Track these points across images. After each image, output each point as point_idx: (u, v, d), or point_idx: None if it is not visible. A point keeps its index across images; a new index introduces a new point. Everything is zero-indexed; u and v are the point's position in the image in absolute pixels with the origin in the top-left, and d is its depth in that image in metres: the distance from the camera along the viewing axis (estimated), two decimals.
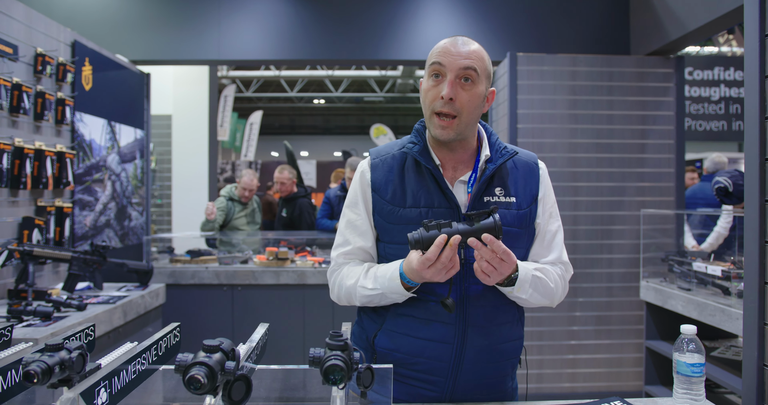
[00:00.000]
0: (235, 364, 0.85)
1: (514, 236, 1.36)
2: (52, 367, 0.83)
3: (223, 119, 11.34)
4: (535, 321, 3.67)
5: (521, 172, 1.42)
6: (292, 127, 20.16)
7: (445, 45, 1.33)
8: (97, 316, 2.41)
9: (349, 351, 0.88)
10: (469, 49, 1.32)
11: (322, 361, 0.85)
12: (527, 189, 1.40)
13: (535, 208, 1.40)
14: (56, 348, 0.86)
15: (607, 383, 3.67)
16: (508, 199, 1.37)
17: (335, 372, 0.83)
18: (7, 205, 2.64)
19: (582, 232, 3.69)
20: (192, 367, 0.80)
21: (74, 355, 0.86)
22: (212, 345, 0.84)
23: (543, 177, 1.45)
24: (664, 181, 3.71)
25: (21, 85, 2.66)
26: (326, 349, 0.89)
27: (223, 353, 0.85)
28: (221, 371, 0.83)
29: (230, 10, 4.05)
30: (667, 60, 3.74)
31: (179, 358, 0.83)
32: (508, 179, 1.39)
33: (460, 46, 1.31)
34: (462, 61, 1.29)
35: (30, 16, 2.83)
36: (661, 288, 3.05)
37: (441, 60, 1.31)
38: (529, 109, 3.68)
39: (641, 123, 3.71)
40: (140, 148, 4.01)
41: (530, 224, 1.40)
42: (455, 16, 4.09)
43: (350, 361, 0.87)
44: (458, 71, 1.29)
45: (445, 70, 1.30)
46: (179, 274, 3.73)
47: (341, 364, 0.83)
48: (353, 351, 0.93)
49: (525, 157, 1.46)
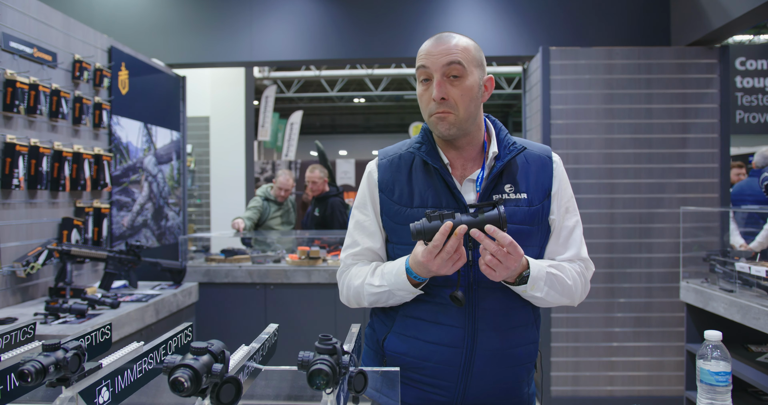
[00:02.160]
0: (222, 367, 0.85)
1: (526, 234, 1.31)
2: (46, 366, 0.85)
3: (264, 119, 11.54)
4: (571, 322, 3.57)
5: (533, 167, 1.37)
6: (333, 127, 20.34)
7: (426, 47, 1.32)
8: (129, 314, 2.48)
9: (338, 355, 0.87)
10: (450, 44, 1.28)
11: (309, 364, 0.84)
12: (539, 184, 1.35)
13: (548, 204, 1.35)
14: (53, 348, 0.88)
15: (647, 387, 3.54)
16: (519, 195, 1.33)
17: (319, 376, 0.82)
18: (48, 207, 2.76)
19: (619, 230, 3.57)
20: (177, 369, 0.80)
21: (69, 355, 0.88)
22: (200, 347, 0.84)
23: (557, 171, 1.39)
24: (708, 177, 3.55)
25: (59, 91, 2.77)
26: (315, 352, 0.88)
27: (211, 355, 0.85)
28: (208, 374, 0.83)
29: (261, 11, 4.10)
30: (710, 50, 3.57)
31: (167, 360, 0.84)
32: (519, 175, 1.35)
33: (442, 43, 1.29)
34: (444, 58, 1.27)
35: (68, 25, 2.94)
36: (702, 289, 2.92)
37: (424, 62, 1.30)
38: (563, 105, 3.58)
39: (682, 117, 3.56)
40: (176, 150, 4.11)
41: (543, 221, 1.35)
42: (486, 11, 4.02)
43: (338, 365, 0.86)
44: (443, 69, 1.27)
45: (430, 72, 1.29)
46: (213, 273, 3.81)
47: (326, 368, 0.82)
48: (344, 355, 0.91)
49: (537, 151, 1.41)
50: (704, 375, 1.28)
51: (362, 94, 15.99)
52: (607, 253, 3.57)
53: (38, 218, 2.69)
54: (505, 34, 4.01)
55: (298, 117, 13.15)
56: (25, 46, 2.60)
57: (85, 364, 0.95)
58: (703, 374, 1.28)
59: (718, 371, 1.26)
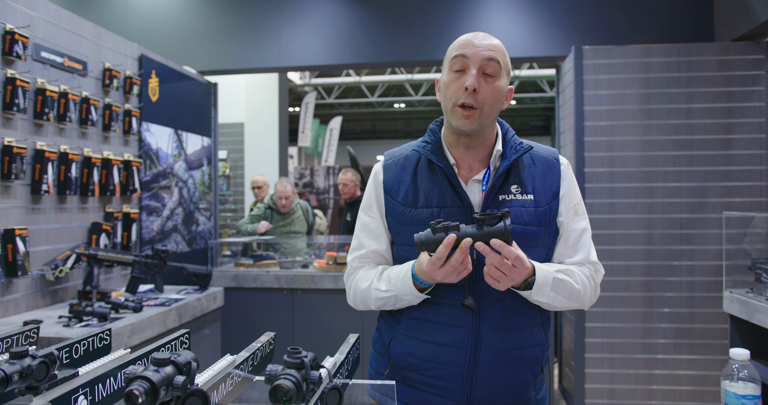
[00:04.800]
0: (186, 379, 0.81)
1: (533, 235, 1.29)
2: (9, 375, 0.83)
3: (304, 125, 11.65)
4: (606, 332, 3.42)
5: (540, 168, 1.34)
6: (374, 132, 20.40)
7: (467, 38, 1.31)
8: (150, 318, 2.50)
9: (306, 370, 0.82)
10: (491, 43, 1.29)
11: (273, 379, 0.80)
12: (546, 185, 1.32)
13: (555, 206, 1.32)
14: (20, 355, 0.87)
15: (689, 402, 3.35)
16: (525, 196, 1.30)
17: (280, 393, 0.77)
18: (77, 211, 2.82)
19: (658, 236, 3.39)
20: (134, 380, 0.77)
21: (35, 363, 0.86)
22: (162, 358, 0.81)
23: (565, 173, 1.36)
24: (754, 180, 3.33)
25: (89, 99, 2.84)
26: (283, 366, 0.83)
27: (174, 366, 0.82)
28: (168, 387, 0.79)
29: (290, 17, 4.12)
30: (757, 45, 3.36)
31: (128, 370, 0.80)
32: (525, 175, 1.32)
33: (482, 39, 1.30)
34: (485, 52, 1.27)
35: (98, 34, 3.01)
36: (746, 300, 2.72)
37: (464, 52, 1.28)
38: (596, 106, 3.44)
39: (726, 116, 3.36)
40: (207, 155, 4.17)
41: (551, 222, 1.32)
42: (517, 11, 3.92)
43: (305, 381, 0.81)
44: (482, 62, 1.26)
45: (468, 62, 1.27)
46: (242, 278, 3.83)
47: (288, 384, 0.77)
48: (319, 369, 0.86)
49: (544, 153, 1.38)
50: (729, 398, 1.17)
51: (402, 100, 15.98)
52: (645, 261, 3.40)
53: (68, 223, 2.75)
54: (537, 34, 3.89)
55: (337, 123, 13.24)
56: (56, 56, 2.68)
57: (57, 371, 0.93)
58: (728, 397, 1.17)
59: (746, 394, 1.15)
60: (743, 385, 1.15)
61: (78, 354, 1.14)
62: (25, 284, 2.50)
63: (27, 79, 2.45)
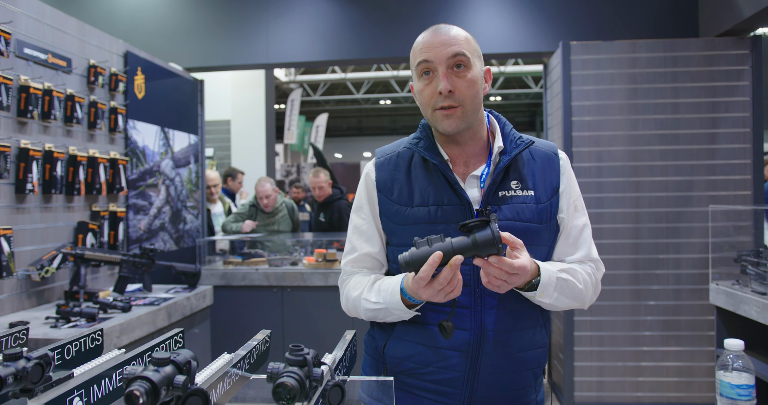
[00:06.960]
0: (186, 379, 0.80)
1: (534, 233, 1.25)
2: (4, 377, 0.81)
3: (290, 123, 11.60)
4: (594, 325, 3.45)
5: (539, 163, 1.31)
6: (360, 129, 20.37)
7: (425, 39, 1.25)
8: (139, 317, 2.47)
9: (309, 367, 0.81)
10: (450, 35, 1.23)
11: (276, 377, 0.79)
12: (546, 181, 1.29)
13: (556, 202, 1.29)
14: (14, 357, 0.85)
15: (675, 394, 3.39)
16: (526, 192, 1.27)
17: (283, 390, 0.76)
18: (63, 211, 2.78)
19: (645, 230, 3.43)
20: (134, 381, 0.76)
21: (30, 365, 0.84)
22: (161, 358, 0.80)
23: (564, 168, 1.33)
24: (739, 174, 3.38)
25: (74, 96, 2.79)
26: (285, 364, 0.82)
27: (174, 366, 0.81)
28: (169, 387, 0.78)
29: (277, 13, 4.09)
30: (741, 40, 3.40)
31: (127, 371, 0.79)
32: (525, 171, 1.29)
33: (442, 34, 1.24)
34: (447, 49, 1.21)
35: (83, 30, 2.96)
36: (732, 291, 2.77)
37: (426, 56, 1.23)
38: (584, 101, 3.46)
39: (711, 111, 3.40)
40: (194, 153, 4.13)
41: (552, 219, 1.29)
42: (504, 6, 3.93)
43: (308, 378, 0.80)
44: (448, 61, 1.21)
45: (434, 65, 1.23)
46: (230, 276, 3.81)
47: (292, 382, 0.77)
48: (320, 366, 0.86)
49: (543, 147, 1.35)
50: (724, 388, 1.18)
51: (388, 96, 15.98)
52: (632, 254, 3.43)
53: (53, 222, 2.71)
54: (524, 29, 3.90)
55: (323, 120, 13.20)
56: (40, 52, 2.62)
57: (52, 373, 0.91)
58: (723, 387, 1.19)
59: (740, 384, 1.17)
60: (738, 375, 1.16)
61: (70, 355, 1.12)
62: (10, 285, 2.45)
63: (10, 76, 2.41)
